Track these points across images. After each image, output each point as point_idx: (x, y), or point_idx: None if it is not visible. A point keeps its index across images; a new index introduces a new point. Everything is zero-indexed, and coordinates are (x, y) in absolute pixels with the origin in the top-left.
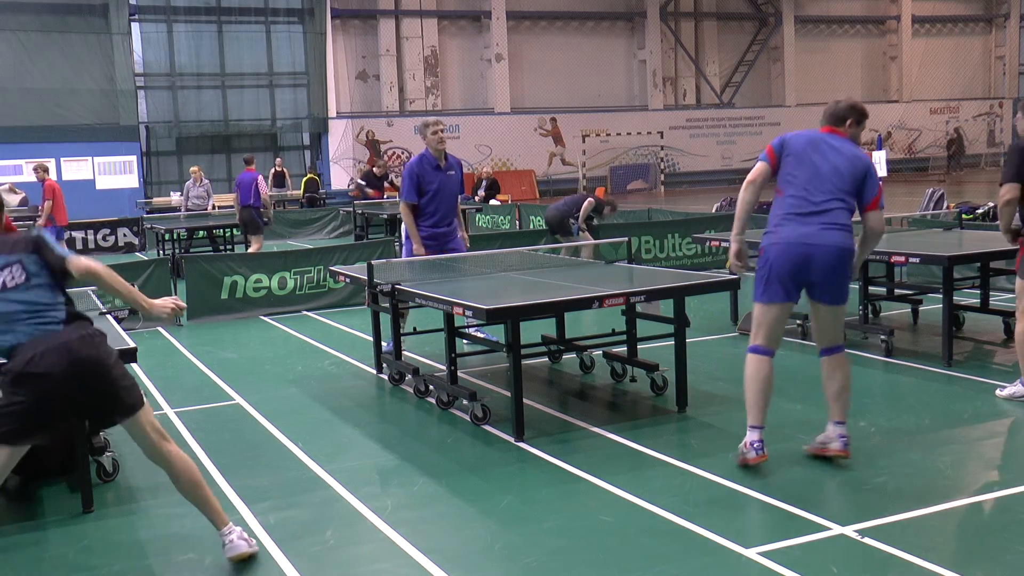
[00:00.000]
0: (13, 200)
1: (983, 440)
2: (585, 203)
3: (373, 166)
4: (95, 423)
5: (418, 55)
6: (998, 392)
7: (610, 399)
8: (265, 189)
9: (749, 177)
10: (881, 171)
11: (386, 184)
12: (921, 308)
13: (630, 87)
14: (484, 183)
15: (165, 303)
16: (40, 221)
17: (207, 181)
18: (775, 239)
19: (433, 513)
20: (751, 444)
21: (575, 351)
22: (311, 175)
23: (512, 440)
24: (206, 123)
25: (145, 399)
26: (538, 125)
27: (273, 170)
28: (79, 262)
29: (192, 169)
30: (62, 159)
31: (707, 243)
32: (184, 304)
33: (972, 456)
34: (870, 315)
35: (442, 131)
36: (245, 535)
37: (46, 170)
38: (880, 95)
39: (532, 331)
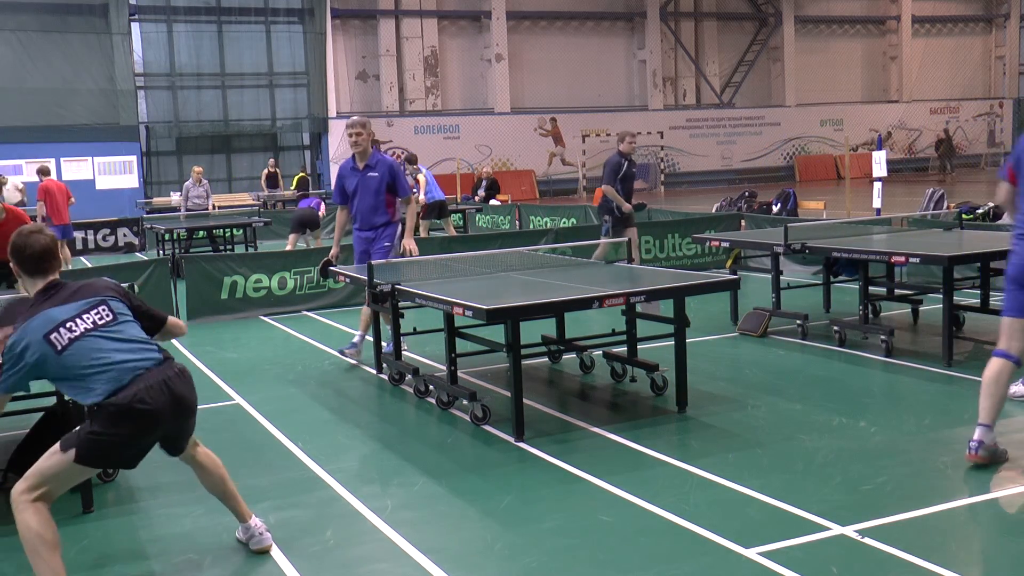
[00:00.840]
0: (14, 197)
1: None
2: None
3: None
4: (168, 450)
5: (418, 55)
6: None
7: (610, 399)
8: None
9: (995, 200)
10: (881, 171)
11: None
12: (921, 308)
13: (630, 87)
14: (484, 183)
15: None
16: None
17: (206, 181)
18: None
19: (433, 513)
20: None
21: (575, 351)
22: (302, 173)
23: (512, 440)
24: (206, 123)
25: None
26: (538, 125)
27: (266, 171)
28: (176, 322)
29: (195, 169)
30: (62, 159)
31: (707, 243)
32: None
33: None
34: (870, 315)
35: (355, 133)
36: (265, 528)
37: (45, 172)
38: (880, 95)
39: (532, 331)
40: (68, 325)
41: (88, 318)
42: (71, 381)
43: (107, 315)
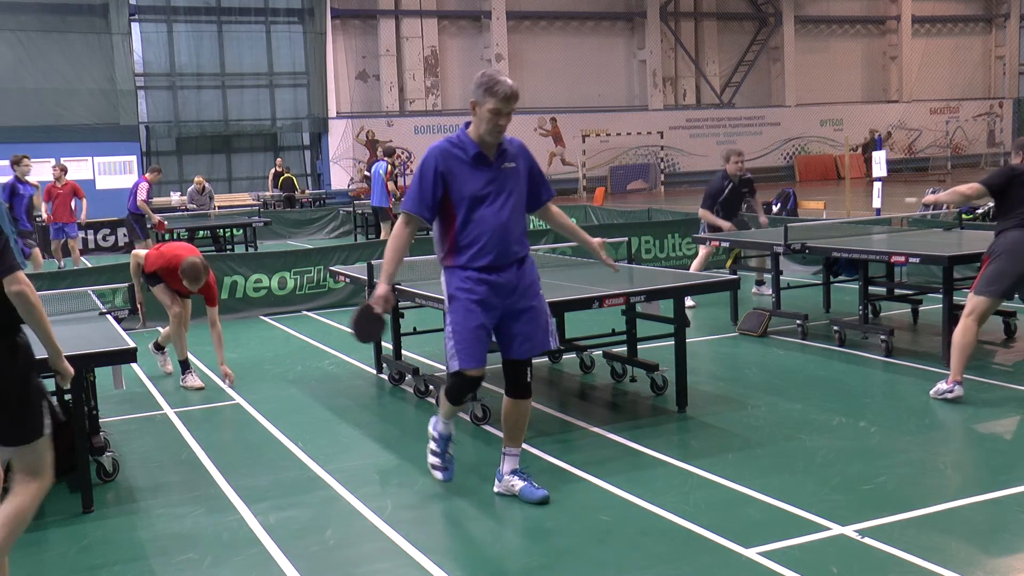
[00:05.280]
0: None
1: (983, 440)
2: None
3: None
4: None
5: (418, 55)
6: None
7: (610, 399)
8: (143, 196)
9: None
10: (881, 171)
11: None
12: (921, 308)
13: (630, 87)
14: None
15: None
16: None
17: (209, 187)
18: None
19: (433, 513)
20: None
21: (575, 351)
22: (287, 175)
23: None
24: (206, 123)
25: (47, 432)
26: (538, 125)
27: (273, 170)
28: (21, 281)
29: (196, 179)
30: (62, 159)
31: (707, 243)
32: (71, 372)
33: (972, 456)
34: (870, 315)
35: (510, 110)
36: None
37: (63, 170)
38: (880, 95)
39: None
40: None
41: None
42: None
43: None
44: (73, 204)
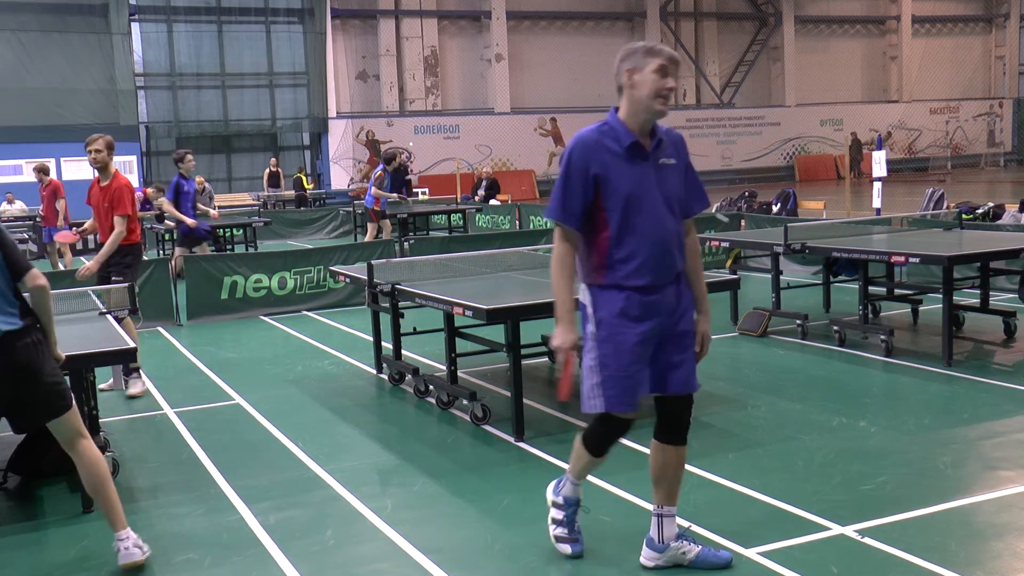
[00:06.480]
0: (13, 209)
1: (983, 440)
2: None
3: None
4: (12, 423)
5: (418, 55)
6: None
7: None
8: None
9: None
10: (881, 171)
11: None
12: (921, 308)
13: None
14: (484, 183)
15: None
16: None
17: (209, 187)
18: None
19: (433, 513)
20: None
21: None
22: (297, 174)
23: (512, 440)
24: (206, 123)
25: (73, 402)
26: (538, 125)
27: (268, 170)
28: (38, 277)
29: (197, 180)
30: (62, 159)
31: (707, 243)
32: (63, 359)
33: (972, 456)
34: (870, 315)
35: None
36: (140, 542)
37: (43, 171)
38: (880, 95)
39: (532, 331)
40: None
41: None
42: None
43: None
44: (57, 205)
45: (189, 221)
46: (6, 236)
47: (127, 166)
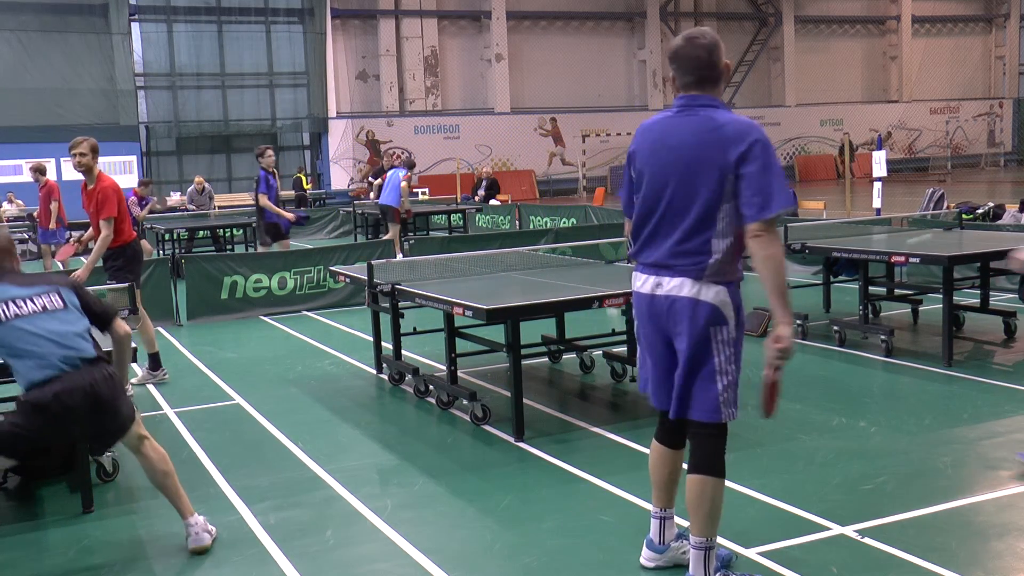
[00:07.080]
0: (13, 208)
1: (983, 440)
2: None
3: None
4: (92, 448)
5: (418, 55)
6: None
7: (610, 399)
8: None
9: None
10: (881, 171)
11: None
12: (921, 308)
13: (630, 87)
14: (484, 183)
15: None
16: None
17: (209, 187)
18: None
19: (433, 513)
20: None
21: (575, 351)
22: (297, 174)
23: (512, 440)
24: (206, 123)
25: (136, 412)
26: (538, 125)
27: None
28: (124, 326)
29: (196, 180)
30: (62, 159)
31: None
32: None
33: (972, 456)
34: (870, 315)
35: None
36: (208, 526)
37: (39, 171)
38: (880, 95)
39: (532, 331)
40: (18, 302)
41: (39, 301)
42: (7, 357)
43: (57, 303)
44: (51, 207)
45: (288, 215)
46: (85, 293)
47: (127, 166)
